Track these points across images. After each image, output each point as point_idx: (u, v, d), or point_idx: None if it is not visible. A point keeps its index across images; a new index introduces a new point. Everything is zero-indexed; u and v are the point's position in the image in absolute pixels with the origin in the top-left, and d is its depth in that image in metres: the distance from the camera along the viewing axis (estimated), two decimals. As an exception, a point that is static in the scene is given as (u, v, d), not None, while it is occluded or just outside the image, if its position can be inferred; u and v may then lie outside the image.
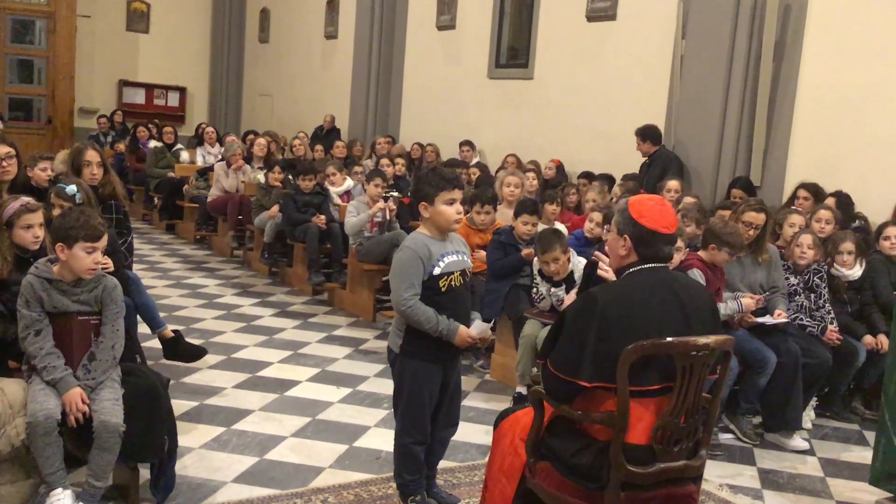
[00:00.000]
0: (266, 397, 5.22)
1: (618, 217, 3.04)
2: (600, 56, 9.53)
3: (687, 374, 2.81)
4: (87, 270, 3.52)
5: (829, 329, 5.31)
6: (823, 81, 7.47)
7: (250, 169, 10.09)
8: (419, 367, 3.64)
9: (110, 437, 3.37)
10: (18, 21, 15.39)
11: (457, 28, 11.81)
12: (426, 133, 11.95)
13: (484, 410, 5.27)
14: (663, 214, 3.00)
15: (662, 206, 3.05)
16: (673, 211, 3.10)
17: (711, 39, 7.99)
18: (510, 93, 10.88)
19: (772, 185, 7.78)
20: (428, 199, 3.59)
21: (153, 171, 11.85)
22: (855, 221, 6.67)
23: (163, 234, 11.41)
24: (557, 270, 5.24)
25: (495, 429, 3.39)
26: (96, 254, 3.53)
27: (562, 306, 5.18)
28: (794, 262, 5.45)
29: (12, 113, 15.22)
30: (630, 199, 3.10)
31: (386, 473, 4.14)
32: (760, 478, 4.60)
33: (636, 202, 3.03)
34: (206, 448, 4.38)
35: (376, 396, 5.38)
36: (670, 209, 3.07)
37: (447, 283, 3.58)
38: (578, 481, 2.91)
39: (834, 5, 7.42)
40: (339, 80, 14.04)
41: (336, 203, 8.49)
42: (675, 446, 2.89)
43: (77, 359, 3.51)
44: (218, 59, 17.75)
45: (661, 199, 3.13)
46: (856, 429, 5.50)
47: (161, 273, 8.72)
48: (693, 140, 8.25)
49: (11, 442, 3.33)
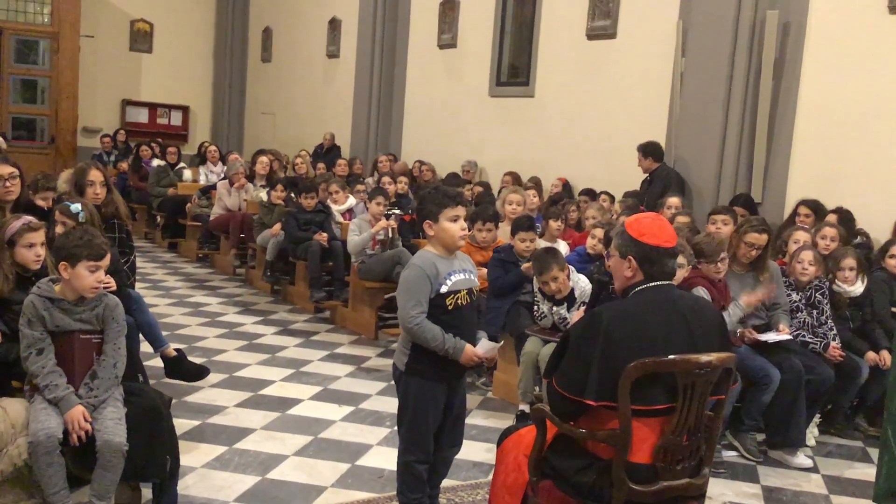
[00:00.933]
0: (268, 416, 5.21)
1: (617, 240, 3.05)
2: (601, 74, 9.57)
3: (689, 393, 2.81)
4: (90, 289, 3.53)
5: (832, 346, 5.30)
6: (823, 98, 7.50)
7: (252, 187, 10.13)
8: (424, 386, 3.63)
9: (113, 456, 3.36)
10: (22, 41, 15.49)
11: (458, 46, 11.88)
12: (427, 151, 11.99)
13: (486, 428, 5.26)
14: (662, 229, 3.02)
15: (659, 221, 3.09)
16: (669, 225, 3.13)
17: (711, 57, 8.03)
18: (511, 111, 10.92)
19: (773, 202, 7.80)
20: (432, 217, 3.60)
21: (156, 189, 11.88)
22: (857, 238, 6.68)
23: (165, 253, 11.43)
24: (558, 289, 5.24)
25: (498, 447, 3.39)
26: (99, 272, 3.54)
27: (566, 324, 5.18)
28: (796, 279, 5.45)
29: (16, 132, 15.30)
30: (626, 220, 3.12)
31: (388, 492, 4.13)
32: (764, 495, 4.58)
33: (633, 222, 3.05)
34: (207, 467, 4.37)
35: (379, 415, 5.37)
36: (667, 223, 3.11)
37: (454, 301, 3.59)
38: (581, 500, 2.90)
39: (833, 22, 7.46)
40: (340, 99, 14.10)
41: (338, 221, 8.51)
42: (678, 465, 2.89)
43: (79, 378, 3.51)
44: (220, 78, 17.85)
45: (656, 216, 3.17)
46: (859, 446, 5.48)
47: (163, 291, 8.73)
48: (693, 157, 8.27)
49: (13, 462, 3.33)
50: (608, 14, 9.45)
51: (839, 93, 7.38)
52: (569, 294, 5.30)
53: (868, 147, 7.17)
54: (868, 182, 7.12)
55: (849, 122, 7.31)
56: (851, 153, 7.29)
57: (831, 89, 7.44)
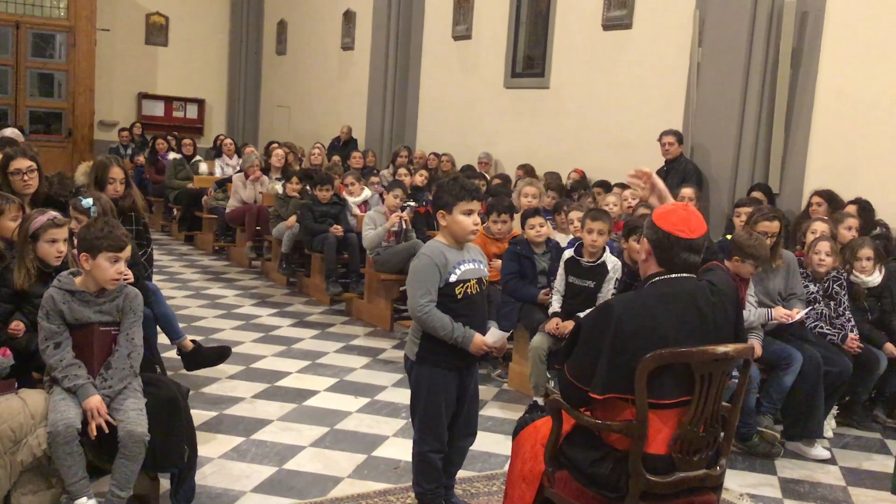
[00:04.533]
0: (285, 407, 5.24)
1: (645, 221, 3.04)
2: (616, 65, 9.52)
3: (706, 383, 2.80)
4: (111, 280, 3.55)
5: (850, 337, 5.27)
6: (841, 87, 7.43)
7: (268, 180, 10.16)
8: (435, 375, 3.64)
9: (136, 446, 3.39)
10: (39, 35, 15.57)
11: (472, 38, 11.84)
12: (442, 143, 11.98)
13: (501, 420, 5.26)
14: (684, 219, 2.92)
15: (685, 210, 2.98)
16: (698, 217, 2.97)
17: (728, 47, 7.98)
18: (526, 102, 10.89)
19: (790, 192, 7.75)
20: (446, 208, 3.61)
21: (172, 182, 11.94)
22: (876, 228, 6.62)
23: (182, 245, 11.48)
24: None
25: (514, 438, 3.39)
26: (120, 264, 3.55)
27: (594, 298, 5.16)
28: (813, 270, 5.41)
29: (33, 126, 15.39)
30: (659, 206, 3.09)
31: (405, 483, 4.15)
32: (781, 487, 4.57)
33: (661, 208, 3.03)
34: (225, 458, 4.40)
35: (394, 406, 5.39)
36: (695, 215, 2.97)
37: (463, 290, 3.60)
38: (597, 491, 2.90)
39: (851, 11, 7.39)
40: (355, 91, 14.11)
41: (354, 213, 8.53)
42: (695, 455, 2.88)
43: (97, 369, 3.54)
44: (236, 71, 17.89)
45: (685, 205, 3.06)
46: (877, 437, 5.45)
47: (180, 284, 8.78)
48: (711, 148, 8.23)
49: (33, 452, 3.36)
50: (624, 4, 9.39)
51: (857, 82, 7.31)
52: (599, 267, 5.28)
53: (887, 137, 7.11)
54: (887, 172, 7.06)
55: (867, 112, 7.24)
56: (870, 143, 7.23)
57: (849, 79, 7.37)
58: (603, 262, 5.29)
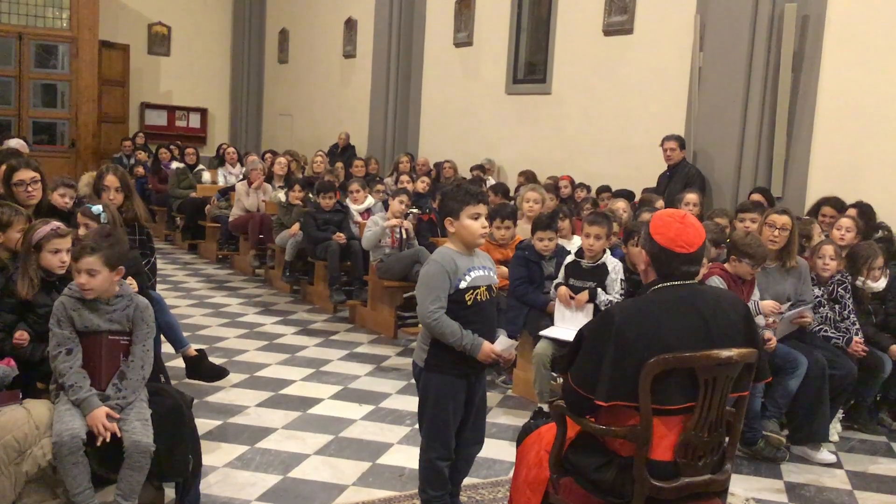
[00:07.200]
0: (289, 415, 5.24)
1: (642, 229, 3.03)
2: (618, 70, 9.53)
3: (710, 388, 2.79)
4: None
5: (855, 340, 5.26)
6: (843, 91, 7.44)
7: (271, 188, 10.17)
8: (443, 382, 3.64)
9: (142, 457, 3.40)
10: (41, 46, 15.63)
11: (474, 44, 11.87)
12: (444, 149, 11.99)
13: (507, 426, 5.26)
14: (680, 233, 2.87)
15: (682, 223, 2.90)
16: (696, 229, 2.91)
17: (729, 51, 7.98)
18: (528, 108, 10.90)
19: (793, 197, 7.74)
20: (453, 215, 3.62)
21: (175, 191, 11.97)
22: (878, 231, 6.61)
23: (185, 254, 11.50)
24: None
25: (518, 444, 3.38)
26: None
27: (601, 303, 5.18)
28: (818, 274, 5.40)
29: (36, 137, 15.43)
30: (656, 213, 3.05)
31: (410, 490, 4.14)
32: (787, 491, 4.55)
33: (657, 217, 2.97)
34: (230, 467, 4.39)
35: (399, 413, 5.39)
36: (692, 227, 2.90)
37: (473, 297, 3.60)
38: (602, 497, 2.89)
39: (852, 14, 7.39)
40: (357, 99, 14.14)
41: (356, 220, 8.53)
42: (700, 461, 2.87)
43: (105, 378, 3.54)
44: (238, 80, 17.94)
45: (682, 216, 2.94)
46: (883, 441, 5.43)
47: (184, 292, 8.79)
48: (713, 152, 8.23)
49: (38, 462, 3.36)
50: (625, 10, 9.41)
51: (859, 86, 7.31)
52: (599, 268, 5.29)
53: (889, 139, 7.11)
54: (890, 175, 7.06)
55: (869, 116, 7.24)
56: (872, 146, 7.23)
57: (851, 82, 7.37)
58: (603, 263, 5.32)
